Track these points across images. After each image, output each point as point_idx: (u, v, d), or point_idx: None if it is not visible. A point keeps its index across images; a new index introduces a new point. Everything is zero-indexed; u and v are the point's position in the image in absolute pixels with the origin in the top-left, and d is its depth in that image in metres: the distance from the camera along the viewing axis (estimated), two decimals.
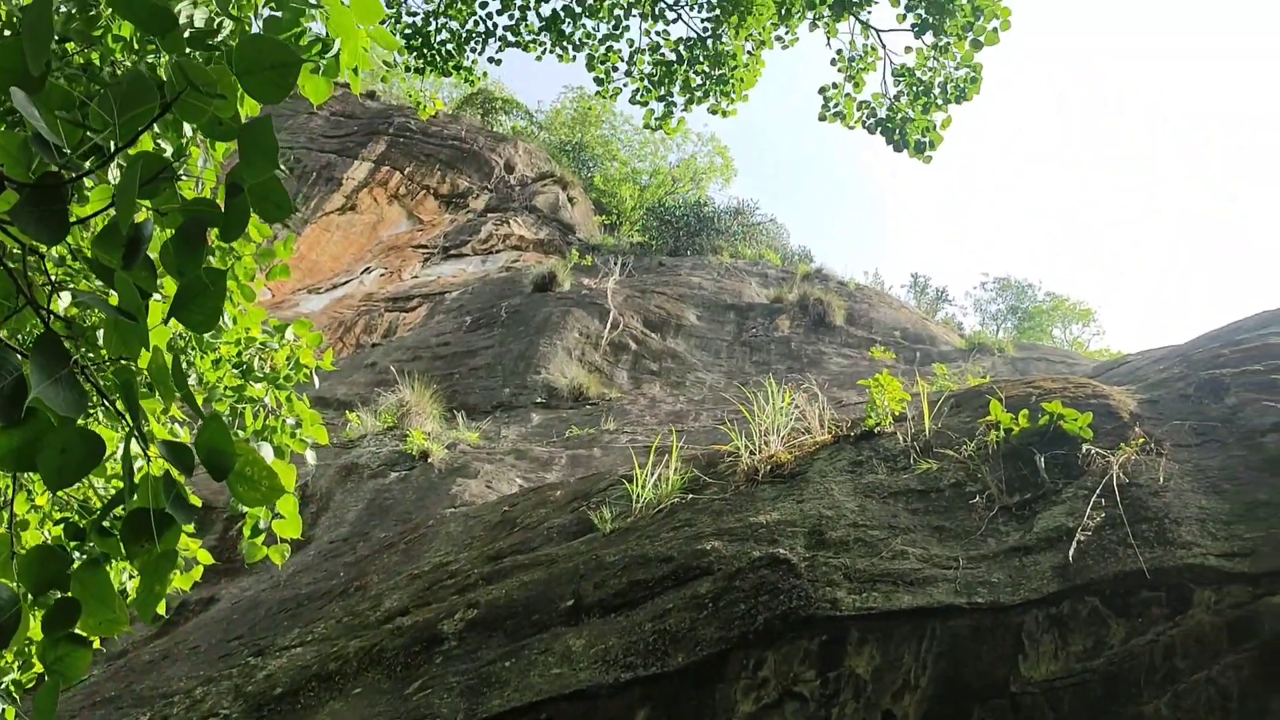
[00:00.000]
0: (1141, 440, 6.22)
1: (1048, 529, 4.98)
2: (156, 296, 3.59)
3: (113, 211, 1.84)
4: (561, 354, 17.66)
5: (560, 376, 16.69)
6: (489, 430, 14.24)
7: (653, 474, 6.53)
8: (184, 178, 4.29)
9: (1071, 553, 4.66)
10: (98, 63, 4.41)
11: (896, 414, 7.03)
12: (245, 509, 4.94)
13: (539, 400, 16.07)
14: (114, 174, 3.40)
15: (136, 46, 4.44)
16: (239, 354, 5.79)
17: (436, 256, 27.62)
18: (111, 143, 1.95)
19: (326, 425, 6.12)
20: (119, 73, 4.28)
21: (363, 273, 26.31)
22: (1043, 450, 5.93)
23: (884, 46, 10.26)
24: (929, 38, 9.86)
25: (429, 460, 12.08)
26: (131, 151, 2.08)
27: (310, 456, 5.91)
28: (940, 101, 10.07)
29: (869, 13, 10.18)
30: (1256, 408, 6.92)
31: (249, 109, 3.96)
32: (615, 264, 24.16)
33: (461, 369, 17.78)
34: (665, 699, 3.96)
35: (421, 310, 23.99)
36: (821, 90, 10.33)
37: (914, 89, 10.12)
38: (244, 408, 5.64)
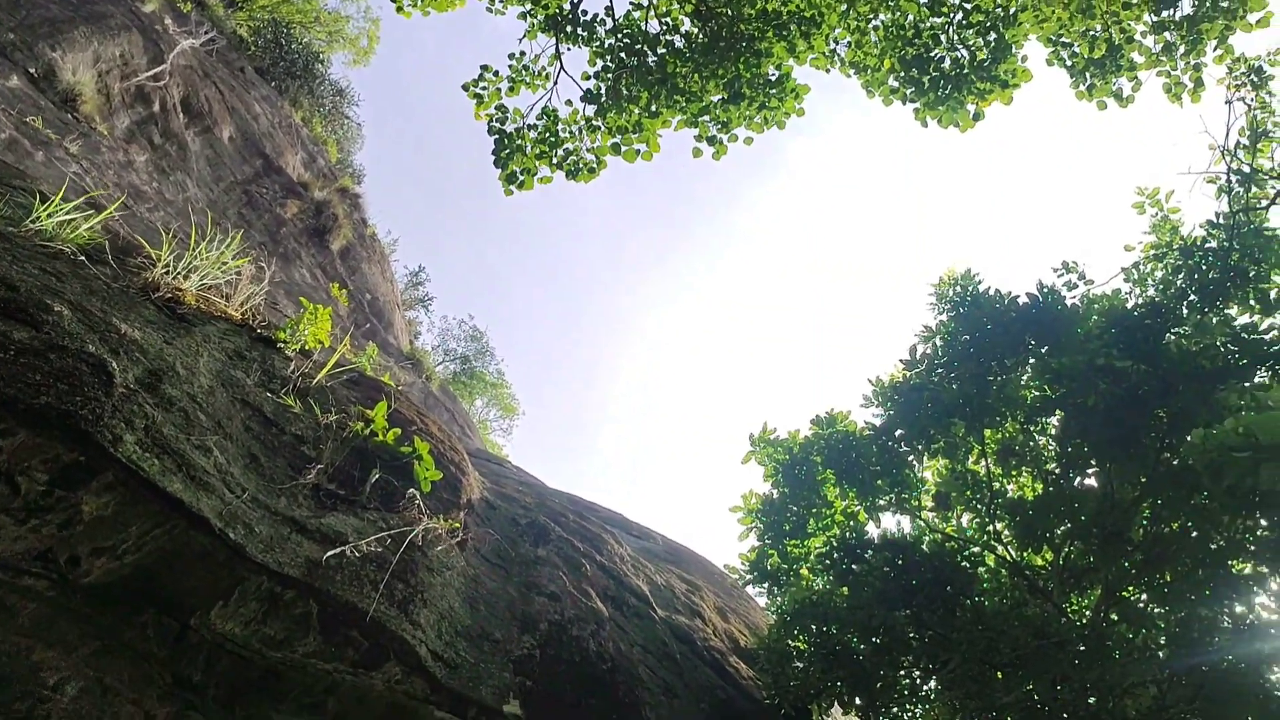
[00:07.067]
0: (457, 525, 6.63)
1: (331, 529, 5.11)
2: None
3: None
4: (91, 55, 15.58)
5: (71, 72, 14.64)
6: None
7: (70, 215, 5.92)
8: None
9: (327, 558, 4.81)
10: None
11: (307, 347, 6.98)
12: None
13: (32, 71, 13.90)
14: None
15: None
16: None
17: None
18: None
19: None
20: None
21: None
22: (385, 471, 6.14)
23: (556, 84, 10.52)
24: (590, 110, 10.27)
25: None
26: None
27: None
28: (554, 162, 10.45)
29: (569, 49, 10.42)
30: (549, 571, 7.67)
31: None
32: (208, 34, 22.10)
33: None
34: None
35: None
36: (484, 68, 10.28)
37: (547, 134, 10.42)
38: None
